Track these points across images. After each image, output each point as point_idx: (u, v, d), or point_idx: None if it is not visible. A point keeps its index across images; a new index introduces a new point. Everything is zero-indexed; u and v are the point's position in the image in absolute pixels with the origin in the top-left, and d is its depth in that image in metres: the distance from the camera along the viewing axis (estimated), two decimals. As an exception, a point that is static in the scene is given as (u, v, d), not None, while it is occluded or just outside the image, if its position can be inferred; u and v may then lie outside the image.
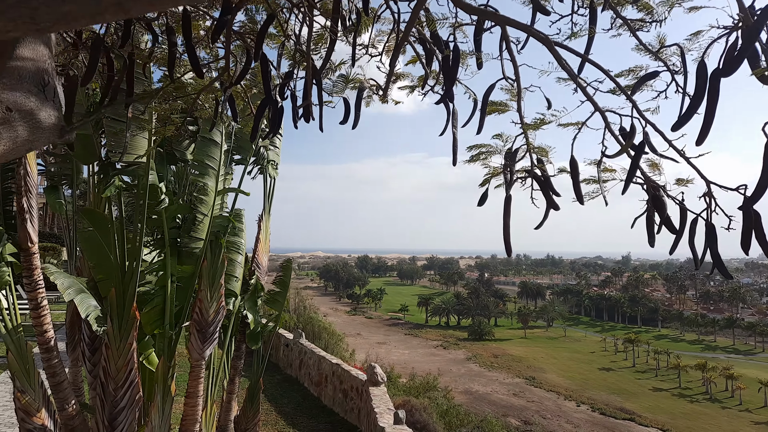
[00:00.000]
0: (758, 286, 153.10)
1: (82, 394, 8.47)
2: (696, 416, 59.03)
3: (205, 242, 6.20)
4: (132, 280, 5.53)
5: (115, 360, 5.53)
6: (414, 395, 17.90)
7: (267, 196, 8.78)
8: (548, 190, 3.21)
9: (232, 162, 6.82)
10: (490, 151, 3.27)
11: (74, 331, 7.98)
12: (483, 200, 3.26)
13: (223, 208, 6.62)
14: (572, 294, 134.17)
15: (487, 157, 3.28)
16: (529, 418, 53.78)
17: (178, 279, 6.20)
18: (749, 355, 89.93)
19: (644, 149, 2.63)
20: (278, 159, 8.85)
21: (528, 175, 3.29)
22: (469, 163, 3.33)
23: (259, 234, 8.57)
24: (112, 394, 5.57)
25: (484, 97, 2.92)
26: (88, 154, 5.52)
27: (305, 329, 18.13)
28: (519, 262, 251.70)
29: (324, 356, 13.40)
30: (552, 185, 3.22)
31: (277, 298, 8.51)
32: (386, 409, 8.01)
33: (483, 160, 3.32)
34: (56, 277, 5.98)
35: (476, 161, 3.33)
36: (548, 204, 3.19)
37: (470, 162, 3.34)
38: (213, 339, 6.23)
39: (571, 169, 3.00)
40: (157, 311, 5.99)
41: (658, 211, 2.96)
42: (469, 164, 3.36)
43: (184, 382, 7.58)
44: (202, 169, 6.16)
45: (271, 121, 3.04)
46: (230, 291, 7.27)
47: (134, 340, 5.57)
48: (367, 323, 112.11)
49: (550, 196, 3.19)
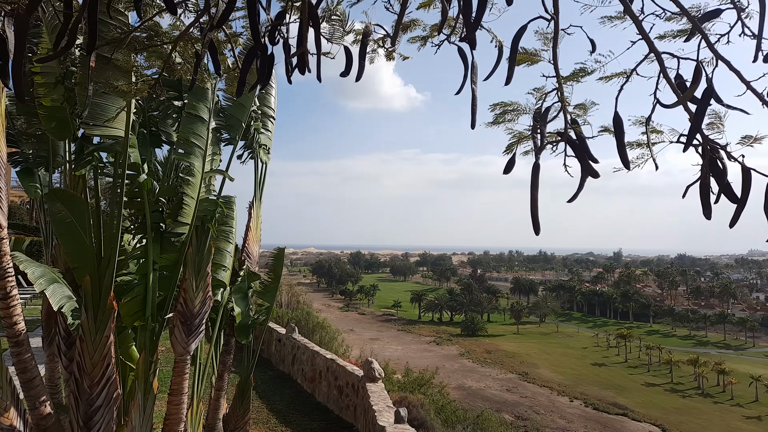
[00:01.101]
0: (748, 282, 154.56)
1: (59, 392, 7.95)
2: (688, 411, 59.28)
3: (190, 228, 5.71)
4: (109, 267, 5.04)
5: (91, 354, 5.04)
6: (409, 391, 17.51)
7: (258, 183, 8.30)
8: (585, 154, 2.76)
9: (221, 142, 6.33)
10: (516, 110, 2.82)
11: (51, 324, 7.46)
12: (509, 167, 2.81)
13: (210, 191, 6.13)
14: (564, 290, 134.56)
15: (514, 118, 2.83)
16: (522, 414, 53.72)
17: (162, 267, 5.71)
18: (740, 350, 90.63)
19: (711, 98, 2.19)
20: (270, 143, 8.37)
21: (561, 138, 2.84)
22: (491, 126, 2.88)
23: (250, 222, 8.09)
24: (87, 392, 5.08)
25: (514, 40, 2.46)
26: (62, 128, 5.01)
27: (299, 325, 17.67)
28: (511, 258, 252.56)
29: (318, 351, 12.94)
30: (589, 149, 2.78)
31: (269, 290, 8.04)
32: (385, 407, 7.56)
33: (508, 122, 2.87)
34: (26, 266, 5.47)
35: (499, 123, 2.88)
36: (584, 171, 2.74)
37: (492, 125, 2.88)
38: (199, 332, 5.76)
39: (614, 128, 2.55)
40: (137, 302, 5.49)
41: (716, 177, 2.53)
42: (491, 128, 2.90)
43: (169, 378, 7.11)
44: (188, 148, 5.65)
45: (259, 71, 2.57)
46: (219, 281, 6.79)
47: (112, 333, 5.09)
48: (360, 319, 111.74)
49: (587, 162, 2.75)
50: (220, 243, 6.80)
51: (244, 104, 6.34)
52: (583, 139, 2.75)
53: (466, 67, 2.80)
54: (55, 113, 4.91)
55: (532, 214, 2.80)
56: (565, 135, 2.76)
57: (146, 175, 5.46)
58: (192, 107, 5.68)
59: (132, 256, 5.59)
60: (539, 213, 2.84)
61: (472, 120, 2.75)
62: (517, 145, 2.82)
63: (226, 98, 6.26)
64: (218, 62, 2.83)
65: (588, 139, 2.70)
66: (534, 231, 2.85)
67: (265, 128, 8.17)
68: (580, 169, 2.78)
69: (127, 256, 5.63)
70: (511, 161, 2.78)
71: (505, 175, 3.06)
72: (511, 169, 2.79)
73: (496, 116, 2.77)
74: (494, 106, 2.85)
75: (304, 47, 2.59)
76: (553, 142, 2.85)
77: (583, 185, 2.80)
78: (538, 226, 2.82)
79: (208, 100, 5.88)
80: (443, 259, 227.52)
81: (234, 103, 6.27)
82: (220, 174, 6.08)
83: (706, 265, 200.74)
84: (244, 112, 6.36)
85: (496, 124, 2.84)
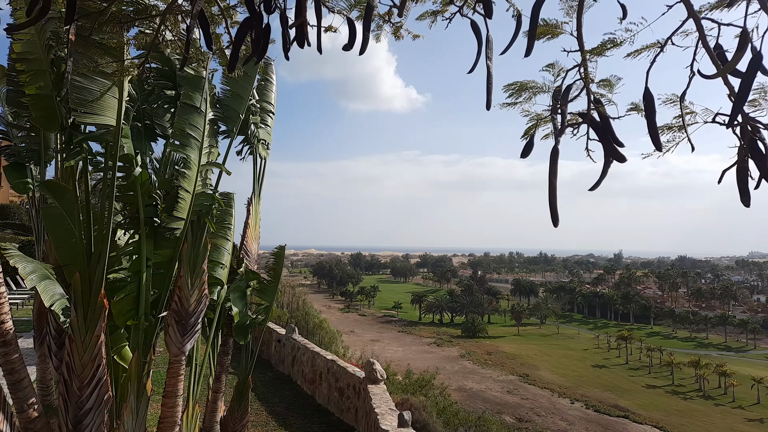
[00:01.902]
0: (749, 284, 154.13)
1: (50, 393, 7.74)
2: (690, 413, 58.95)
3: (185, 223, 5.48)
4: (99, 263, 4.81)
5: (80, 355, 4.81)
6: (411, 393, 17.26)
7: (257, 178, 8.08)
8: (609, 137, 2.54)
9: (217, 134, 6.10)
10: (534, 89, 2.60)
11: (42, 323, 7.25)
12: (527, 151, 2.58)
13: (207, 185, 5.90)
14: (565, 291, 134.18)
15: (531, 96, 2.60)
16: (523, 416, 53.41)
17: (155, 264, 5.49)
18: (741, 352, 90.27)
19: (757, 70, 1.97)
20: (269, 139, 8.16)
21: (583, 120, 2.62)
22: (506, 108, 2.65)
23: (249, 219, 7.86)
24: (77, 394, 4.85)
25: (535, 7, 2.24)
26: (49, 118, 4.78)
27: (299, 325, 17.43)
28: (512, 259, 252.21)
29: (318, 352, 12.70)
30: (614, 131, 2.55)
31: (268, 289, 7.81)
32: (388, 410, 7.30)
33: (524, 103, 2.65)
34: (17, 261, 5.26)
35: (516, 104, 2.65)
36: (608, 155, 2.52)
37: (508, 106, 2.65)
38: (194, 332, 5.53)
39: (645, 106, 2.33)
40: (130, 300, 5.27)
41: (756, 160, 2.31)
42: (506, 109, 2.68)
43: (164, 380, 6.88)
44: (183, 140, 5.43)
45: (254, 42, 2.35)
46: (216, 279, 6.57)
47: (102, 332, 4.86)
48: (361, 320, 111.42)
49: (612, 146, 2.52)
50: (218, 240, 6.57)
51: (241, 95, 6.12)
52: (608, 120, 2.52)
53: (480, 42, 2.58)
54: (42, 102, 4.69)
55: (551, 203, 2.57)
56: (588, 116, 2.53)
57: (140, 167, 5.24)
58: (188, 97, 5.46)
59: (124, 252, 5.37)
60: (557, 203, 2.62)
61: (488, 100, 2.52)
62: (535, 128, 2.59)
63: (223, 89, 6.04)
64: (210, 36, 2.60)
65: (613, 119, 2.47)
66: (552, 222, 2.63)
67: (264, 123, 7.96)
68: (604, 153, 2.56)
69: (119, 252, 5.40)
70: (529, 144, 2.55)
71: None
72: (529, 153, 2.56)
73: (512, 93, 2.55)
74: (509, 86, 2.63)
75: (303, 17, 2.37)
76: (575, 124, 2.62)
77: (606, 171, 2.58)
78: (556, 217, 2.60)
79: (204, 90, 5.66)
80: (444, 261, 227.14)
81: (231, 94, 6.05)
82: (217, 167, 5.86)
83: (706, 267, 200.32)
84: (242, 103, 6.13)
85: (512, 105, 2.61)
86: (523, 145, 2.55)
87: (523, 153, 2.55)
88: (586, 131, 2.57)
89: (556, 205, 2.57)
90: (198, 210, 5.62)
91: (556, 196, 2.57)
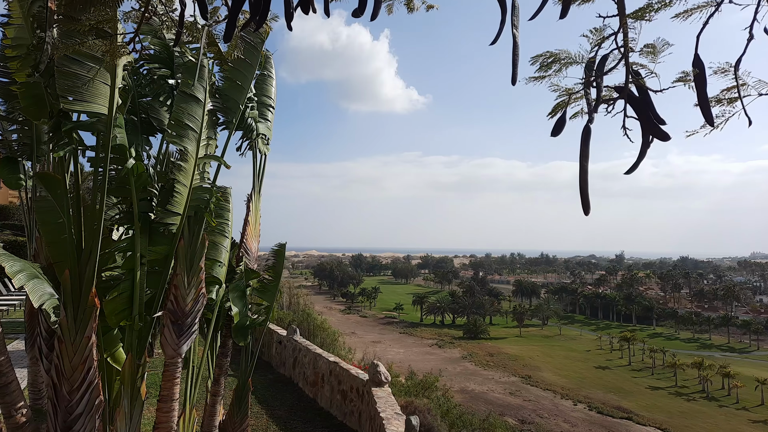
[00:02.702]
0: (751, 285, 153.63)
1: (42, 397, 7.47)
2: (693, 415, 58.51)
3: (182, 218, 5.21)
4: (90, 260, 4.55)
5: (70, 357, 4.55)
6: (414, 395, 16.97)
7: (257, 175, 7.82)
8: (650, 113, 2.27)
9: (216, 126, 5.83)
10: (566, 60, 2.33)
11: (33, 324, 6.98)
12: (559, 129, 2.31)
13: (205, 179, 5.63)
14: (567, 292, 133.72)
15: (562, 69, 2.34)
16: (526, 417, 53.04)
17: (150, 261, 5.22)
18: (744, 353, 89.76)
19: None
20: (270, 134, 7.91)
21: (619, 94, 2.35)
22: (533, 82, 2.38)
23: (248, 216, 7.60)
24: (67, 398, 4.59)
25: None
26: (37, 107, 4.52)
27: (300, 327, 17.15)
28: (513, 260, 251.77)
29: (320, 354, 12.42)
30: (654, 107, 2.29)
31: (268, 288, 7.55)
32: (394, 414, 7.00)
33: (555, 75, 2.38)
34: (3, 260, 5.00)
35: (544, 78, 2.38)
36: (647, 132, 2.25)
37: (535, 80, 2.39)
38: (191, 332, 5.26)
39: (694, 76, 2.06)
40: (123, 299, 5.00)
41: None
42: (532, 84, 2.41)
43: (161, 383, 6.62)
44: (181, 131, 5.16)
45: (252, 6, 2.09)
46: (213, 278, 6.31)
47: (93, 333, 4.60)
48: (362, 322, 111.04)
49: (652, 123, 2.25)
50: (216, 236, 6.32)
51: (241, 84, 5.85)
52: (648, 95, 2.25)
53: (504, 9, 2.31)
54: (30, 90, 4.43)
55: (582, 188, 2.30)
56: (626, 89, 2.26)
57: (134, 159, 4.98)
58: (186, 86, 5.20)
59: (117, 249, 5.10)
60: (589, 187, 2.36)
61: (513, 73, 2.25)
62: (567, 105, 2.33)
63: (222, 78, 5.77)
64: (205, 5, 2.34)
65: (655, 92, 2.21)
66: (583, 210, 2.36)
67: (264, 117, 7.70)
68: (642, 132, 2.29)
69: (111, 249, 5.14)
70: (561, 121, 2.28)
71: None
72: (561, 130, 2.29)
73: (541, 65, 2.28)
74: (538, 57, 2.36)
75: (308, -23, 2.12)
76: (609, 99, 2.36)
77: (645, 152, 2.31)
78: (587, 203, 2.33)
79: (203, 79, 5.40)
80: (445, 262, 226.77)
81: (230, 84, 5.79)
82: (215, 160, 5.59)
83: (708, 268, 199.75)
84: (242, 93, 5.87)
85: (540, 78, 2.34)
86: (554, 122, 2.28)
87: (554, 131, 2.28)
88: (623, 107, 2.30)
89: (588, 191, 2.31)
90: (195, 205, 5.36)
91: (587, 180, 2.30)
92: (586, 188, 2.32)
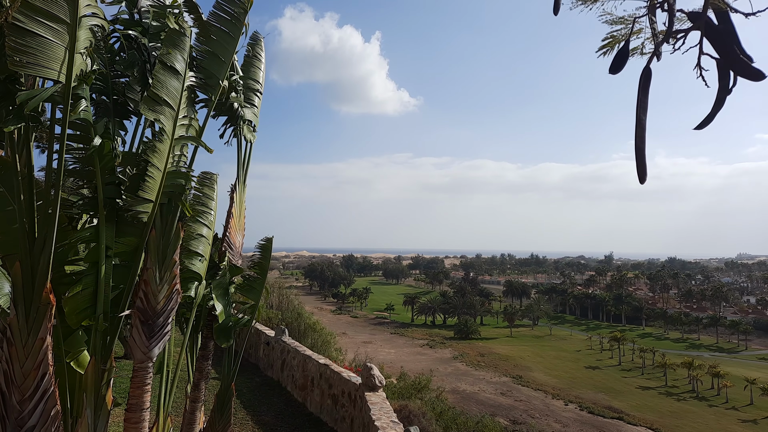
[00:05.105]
0: (738, 285, 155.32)
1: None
2: (683, 414, 58.65)
3: (154, 205, 4.63)
4: (45, 251, 3.96)
5: (21, 362, 3.95)
6: (407, 397, 16.45)
7: (242, 164, 7.26)
8: (734, 45, 1.76)
9: (194, 104, 5.25)
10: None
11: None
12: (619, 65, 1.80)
13: (181, 163, 5.05)
14: (557, 293, 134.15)
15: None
16: (517, 418, 52.79)
17: (117, 253, 4.64)
18: (733, 353, 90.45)
19: None
20: (256, 121, 7.36)
21: (694, 23, 1.84)
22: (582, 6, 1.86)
23: (232, 207, 7.02)
24: (17, 409, 3.99)
25: None
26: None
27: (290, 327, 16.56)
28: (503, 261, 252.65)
29: (310, 356, 11.84)
30: (739, 39, 1.78)
31: (254, 285, 6.98)
32: (390, 422, 6.40)
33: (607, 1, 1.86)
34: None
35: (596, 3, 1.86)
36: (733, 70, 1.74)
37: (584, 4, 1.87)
38: (163, 333, 4.69)
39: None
40: (86, 296, 4.41)
41: None
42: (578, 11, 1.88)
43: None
44: (157, 107, 4.58)
45: None
46: (192, 273, 5.73)
47: (49, 334, 4.01)
48: (353, 322, 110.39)
49: (737, 57, 1.74)
50: (195, 226, 5.74)
51: (221, 57, 5.28)
52: (731, 24, 1.74)
53: None
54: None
55: (638, 149, 1.78)
56: (703, 17, 1.75)
57: (99, 137, 4.40)
58: (166, 56, 4.61)
59: (80, 239, 4.51)
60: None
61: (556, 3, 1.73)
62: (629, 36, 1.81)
63: (199, 48, 5.19)
64: None
65: (747, 16, 1.69)
66: (639, 176, 1.84)
67: (250, 102, 7.15)
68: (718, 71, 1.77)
69: (72, 240, 4.55)
70: (623, 54, 1.76)
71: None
72: (622, 67, 1.78)
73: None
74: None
75: None
76: (679, 32, 1.84)
77: (725, 97, 1.79)
78: (644, 168, 1.81)
79: (185, 50, 4.83)
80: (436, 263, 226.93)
81: (209, 55, 5.21)
82: (193, 142, 5.01)
83: (696, 269, 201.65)
84: (222, 67, 5.29)
85: (591, 3, 1.83)
86: (612, 57, 1.76)
87: (612, 67, 1.76)
88: (698, 41, 1.78)
89: (645, 153, 1.79)
90: (169, 191, 4.78)
91: (644, 138, 1.78)
92: (643, 149, 1.80)
